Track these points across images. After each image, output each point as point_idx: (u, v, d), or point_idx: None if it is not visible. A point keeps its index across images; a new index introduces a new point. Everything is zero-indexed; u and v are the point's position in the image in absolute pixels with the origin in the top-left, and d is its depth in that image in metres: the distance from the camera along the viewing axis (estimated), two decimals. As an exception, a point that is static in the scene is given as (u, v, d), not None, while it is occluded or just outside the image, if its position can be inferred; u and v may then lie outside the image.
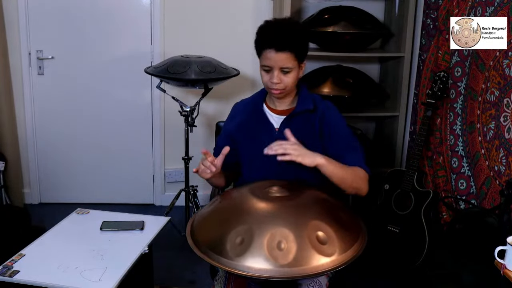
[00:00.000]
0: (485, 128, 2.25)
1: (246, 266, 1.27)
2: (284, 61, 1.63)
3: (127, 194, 3.51)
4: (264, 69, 1.68)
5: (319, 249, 1.31)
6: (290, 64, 1.64)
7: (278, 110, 1.78)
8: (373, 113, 3.26)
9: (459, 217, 2.33)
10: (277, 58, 1.62)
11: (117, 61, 3.29)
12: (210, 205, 1.57)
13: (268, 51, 1.63)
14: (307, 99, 1.77)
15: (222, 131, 1.92)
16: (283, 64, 1.63)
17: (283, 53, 1.62)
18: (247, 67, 3.23)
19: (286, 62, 1.63)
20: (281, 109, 1.78)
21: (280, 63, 1.63)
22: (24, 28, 3.17)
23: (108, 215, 2.05)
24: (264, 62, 1.67)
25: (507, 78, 2.08)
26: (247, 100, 1.89)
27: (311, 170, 1.71)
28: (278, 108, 1.79)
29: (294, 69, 1.66)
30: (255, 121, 1.79)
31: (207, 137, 3.36)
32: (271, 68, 1.65)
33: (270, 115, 1.79)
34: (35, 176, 3.44)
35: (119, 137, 3.42)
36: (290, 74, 1.66)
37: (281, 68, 1.64)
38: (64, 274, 1.59)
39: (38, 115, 3.34)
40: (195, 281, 2.63)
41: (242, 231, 1.33)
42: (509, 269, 1.56)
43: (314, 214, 1.41)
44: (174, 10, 3.23)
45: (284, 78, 1.66)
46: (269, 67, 1.66)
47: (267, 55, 1.64)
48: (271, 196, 1.47)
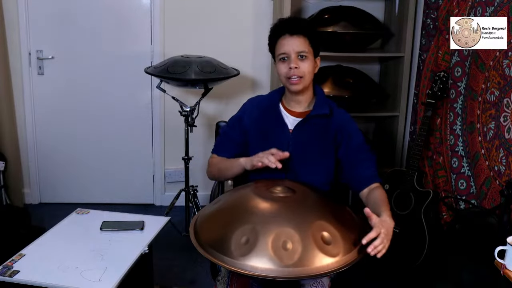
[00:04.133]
0: (485, 128, 2.25)
1: (251, 266, 1.27)
2: (299, 44, 1.67)
3: (127, 194, 3.51)
4: (281, 57, 1.70)
5: (324, 250, 1.30)
6: (306, 48, 1.67)
7: (294, 111, 1.79)
8: (373, 113, 3.26)
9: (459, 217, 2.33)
10: (292, 41, 1.67)
11: (117, 61, 3.29)
12: (214, 205, 1.56)
13: (282, 37, 1.69)
14: (324, 104, 1.77)
15: (234, 122, 1.86)
16: (298, 48, 1.67)
17: (297, 37, 1.67)
18: (247, 67, 3.23)
19: (301, 46, 1.67)
20: (297, 111, 1.78)
21: (296, 47, 1.67)
22: (24, 28, 3.17)
23: (108, 215, 2.05)
24: (280, 50, 1.70)
25: (507, 78, 2.08)
26: (263, 97, 1.88)
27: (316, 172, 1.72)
28: (294, 110, 1.79)
29: (310, 56, 1.69)
30: (269, 119, 1.79)
31: (207, 137, 3.36)
32: (288, 55, 1.68)
33: (285, 115, 1.79)
34: (35, 176, 3.44)
35: (119, 137, 3.42)
36: (306, 61, 1.68)
37: (297, 52, 1.67)
38: (64, 274, 1.59)
39: (38, 115, 3.34)
40: (195, 281, 2.63)
41: (247, 231, 1.33)
42: (509, 269, 1.56)
43: (318, 214, 1.40)
44: (174, 10, 3.23)
45: (301, 64, 1.68)
46: (285, 54, 1.68)
47: (282, 42, 1.69)
48: (275, 196, 1.47)
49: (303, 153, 1.73)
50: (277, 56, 1.71)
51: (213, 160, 1.86)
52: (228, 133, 1.86)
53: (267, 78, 3.29)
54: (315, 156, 1.74)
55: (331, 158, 1.75)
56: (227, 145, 1.84)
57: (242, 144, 1.82)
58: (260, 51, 3.20)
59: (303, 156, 1.73)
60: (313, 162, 1.74)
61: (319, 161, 1.74)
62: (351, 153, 1.73)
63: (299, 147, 1.73)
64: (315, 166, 1.74)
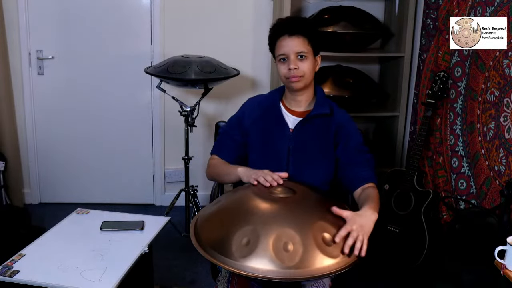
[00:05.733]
0: (485, 128, 2.25)
1: (252, 267, 1.26)
2: (298, 45, 1.66)
3: (127, 194, 3.50)
4: (280, 58, 1.70)
5: (325, 251, 1.30)
6: (304, 48, 1.67)
7: (295, 111, 1.79)
8: (373, 113, 3.26)
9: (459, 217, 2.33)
10: (290, 42, 1.67)
11: (117, 61, 3.29)
12: (214, 205, 1.56)
13: (281, 38, 1.68)
14: (324, 104, 1.78)
15: (233, 122, 1.86)
16: (297, 48, 1.66)
17: (296, 37, 1.66)
18: (247, 67, 3.23)
19: (300, 46, 1.66)
20: (297, 111, 1.78)
21: (295, 48, 1.66)
22: (24, 28, 3.17)
23: (108, 215, 2.05)
24: (279, 51, 1.70)
25: (507, 78, 2.08)
26: (263, 97, 1.88)
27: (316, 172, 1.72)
28: (294, 109, 1.79)
29: (309, 56, 1.69)
30: (270, 119, 1.79)
31: (207, 137, 3.36)
32: (287, 56, 1.68)
33: (286, 115, 1.79)
34: (35, 176, 3.44)
35: (119, 137, 3.42)
36: (306, 60, 1.68)
37: (297, 53, 1.66)
38: (64, 274, 1.59)
39: (38, 115, 3.34)
40: (196, 281, 2.63)
41: (247, 232, 1.33)
42: (509, 269, 1.56)
43: (319, 215, 1.40)
44: (174, 10, 3.23)
45: (301, 64, 1.68)
46: (284, 55, 1.68)
47: (281, 43, 1.68)
48: (275, 197, 1.47)
49: (304, 153, 1.73)
50: (277, 57, 1.72)
51: (212, 161, 1.85)
52: (228, 133, 1.86)
53: (267, 78, 3.29)
54: (316, 156, 1.74)
55: (331, 158, 1.75)
56: (227, 145, 1.84)
57: (242, 144, 1.82)
58: (260, 51, 3.21)
59: (303, 156, 1.73)
60: (313, 161, 1.74)
61: (319, 161, 1.75)
62: (348, 153, 1.73)
63: (300, 147, 1.73)
64: (315, 165, 1.74)
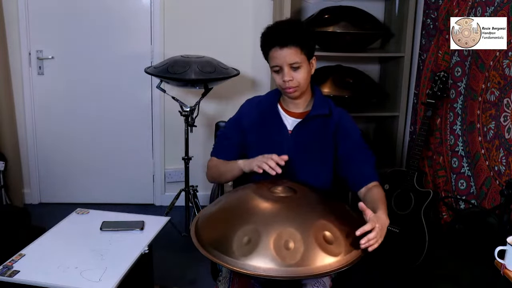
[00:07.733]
0: (485, 128, 2.25)
1: (253, 266, 1.27)
2: (290, 56, 1.63)
3: (127, 194, 3.50)
4: (274, 70, 1.69)
5: (326, 249, 1.31)
6: (297, 58, 1.64)
7: (293, 112, 1.78)
8: (373, 113, 3.26)
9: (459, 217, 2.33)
10: (282, 54, 1.63)
11: (117, 61, 3.29)
12: (215, 205, 1.56)
13: (273, 50, 1.65)
14: (323, 104, 1.77)
15: (232, 124, 1.86)
16: (290, 60, 1.64)
17: (287, 49, 1.63)
18: (247, 67, 3.23)
19: (292, 57, 1.63)
20: (296, 112, 1.78)
21: (287, 59, 1.63)
22: (24, 28, 3.17)
23: (108, 215, 2.05)
24: (272, 63, 1.68)
25: (507, 78, 2.08)
26: (259, 98, 1.87)
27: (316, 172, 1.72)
28: (292, 111, 1.78)
29: (303, 64, 1.66)
30: (268, 121, 1.79)
31: (207, 137, 3.36)
32: (280, 67, 1.66)
33: (284, 116, 1.78)
34: (35, 176, 3.44)
35: (119, 137, 3.42)
36: (300, 70, 1.66)
37: (290, 64, 1.64)
38: (64, 274, 1.59)
39: (38, 115, 3.34)
40: (196, 281, 2.63)
41: (248, 231, 1.33)
42: (509, 269, 1.56)
43: (320, 214, 1.41)
44: (174, 10, 3.23)
45: (295, 74, 1.66)
46: (278, 66, 1.66)
47: (273, 55, 1.66)
48: (276, 196, 1.47)
49: (303, 154, 1.73)
50: (271, 67, 1.71)
51: (212, 163, 1.86)
52: (226, 135, 1.86)
53: (267, 78, 3.28)
54: (315, 156, 1.74)
55: (330, 158, 1.75)
56: (226, 147, 1.84)
57: (241, 145, 1.81)
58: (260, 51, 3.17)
59: (303, 157, 1.73)
60: (313, 162, 1.74)
61: (319, 161, 1.75)
62: (349, 150, 1.73)
63: (299, 148, 1.73)
64: (315, 166, 1.74)
